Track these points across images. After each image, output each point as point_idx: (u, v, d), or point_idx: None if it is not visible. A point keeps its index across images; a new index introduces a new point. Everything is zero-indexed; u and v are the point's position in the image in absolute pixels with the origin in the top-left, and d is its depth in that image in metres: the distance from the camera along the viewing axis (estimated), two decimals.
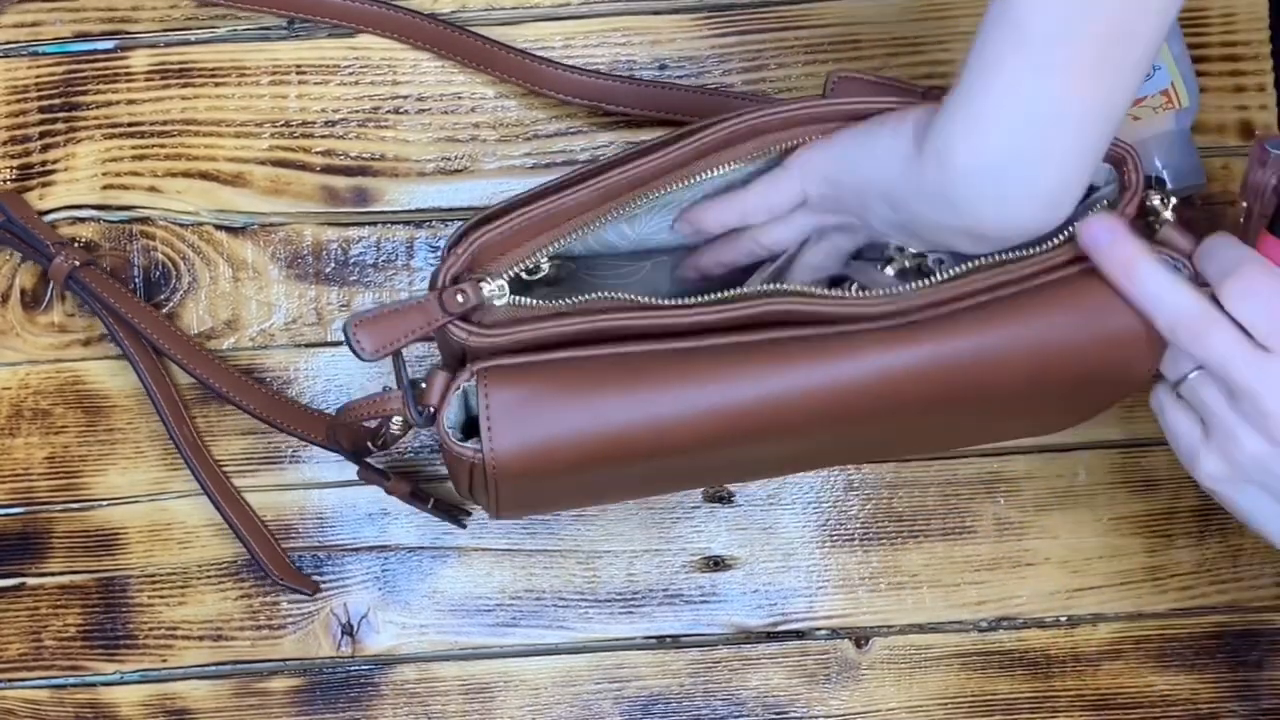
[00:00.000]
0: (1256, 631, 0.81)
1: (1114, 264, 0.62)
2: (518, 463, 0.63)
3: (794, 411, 0.64)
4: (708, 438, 0.64)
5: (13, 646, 0.81)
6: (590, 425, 0.63)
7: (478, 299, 0.64)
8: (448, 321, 0.64)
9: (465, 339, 0.64)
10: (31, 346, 0.81)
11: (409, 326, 0.64)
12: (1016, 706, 0.81)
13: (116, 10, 0.82)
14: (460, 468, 0.65)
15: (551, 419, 0.63)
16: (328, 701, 0.81)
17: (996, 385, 0.64)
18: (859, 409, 0.64)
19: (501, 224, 0.65)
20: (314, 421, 0.79)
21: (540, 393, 0.63)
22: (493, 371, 0.63)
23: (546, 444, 0.63)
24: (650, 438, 0.64)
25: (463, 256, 0.64)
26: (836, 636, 0.81)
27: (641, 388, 0.63)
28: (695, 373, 0.63)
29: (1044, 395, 0.66)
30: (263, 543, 0.80)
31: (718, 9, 0.82)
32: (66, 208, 0.81)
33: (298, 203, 0.81)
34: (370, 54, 0.82)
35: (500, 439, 0.63)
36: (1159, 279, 0.61)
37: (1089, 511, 0.81)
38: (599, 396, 0.63)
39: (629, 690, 0.81)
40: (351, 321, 0.63)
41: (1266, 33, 0.82)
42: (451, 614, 0.81)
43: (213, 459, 0.80)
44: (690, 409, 0.63)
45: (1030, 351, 0.64)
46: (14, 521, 0.81)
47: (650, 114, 0.80)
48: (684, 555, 0.81)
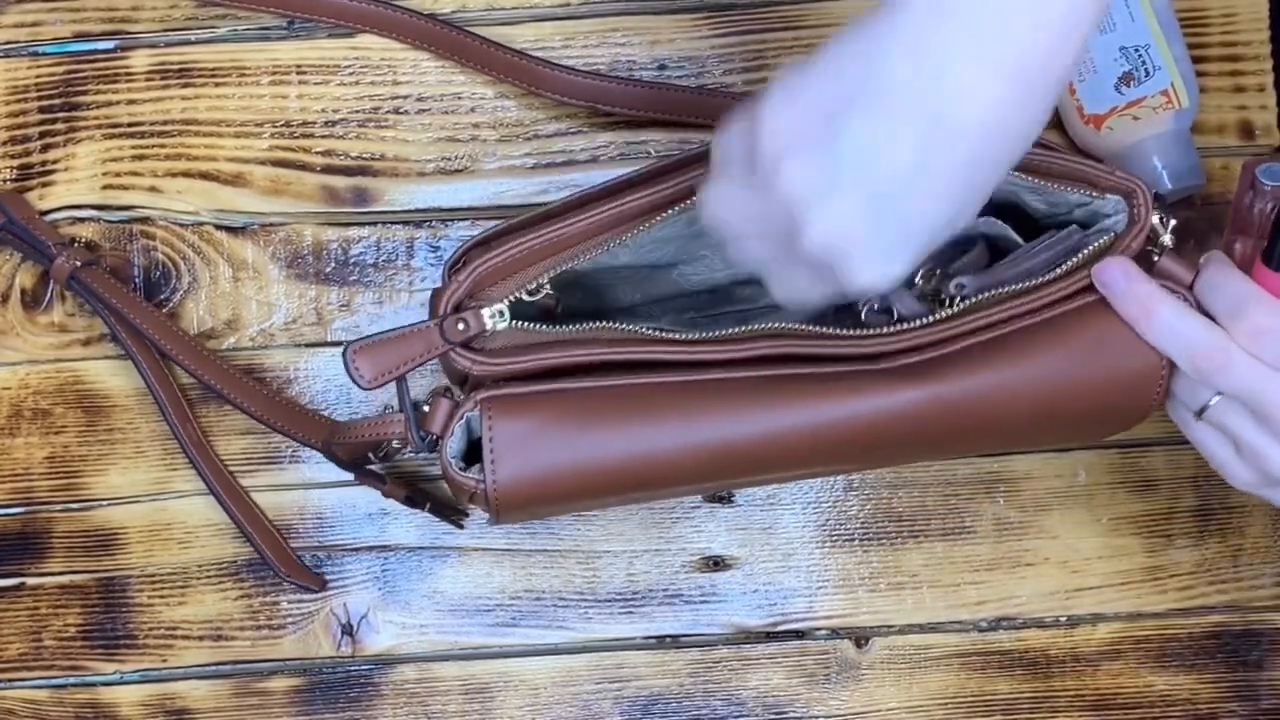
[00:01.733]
0: (1256, 631, 0.81)
1: (1131, 304, 0.64)
2: (519, 492, 0.64)
3: (793, 448, 0.64)
4: (706, 471, 0.65)
5: (13, 646, 0.81)
6: (590, 457, 0.64)
7: (479, 327, 0.64)
8: (449, 350, 0.64)
9: (469, 367, 0.64)
10: (31, 346, 0.81)
11: (409, 354, 0.64)
12: (1016, 706, 0.81)
13: (116, 10, 0.82)
14: (462, 493, 0.65)
15: (553, 451, 0.63)
16: (328, 701, 0.81)
17: (1003, 420, 0.65)
18: (860, 445, 0.64)
19: (502, 252, 0.65)
20: (314, 426, 0.79)
21: (544, 425, 0.63)
22: (497, 402, 0.63)
23: (547, 474, 0.64)
24: (649, 470, 0.64)
25: (464, 284, 0.65)
26: (836, 636, 0.81)
27: (642, 422, 0.64)
28: (696, 408, 0.64)
29: (1051, 427, 0.66)
30: (268, 539, 0.80)
31: (718, 9, 0.82)
32: (66, 208, 0.81)
33: (298, 203, 0.81)
34: (370, 54, 0.82)
35: (503, 469, 0.63)
36: (1176, 316, 0.63)
37: (1089, 511, 0.81)
38: (600, 429, 0.63)
39: (629, 690, 0.81)
40: (351, 349, 0.63)
41: (1266, 33, 0.82)
42: (451, 614, 0.81)
43: (217, 456, 0.80)
44: (690, 443, 0.64)
45: (1040, 388, 0.64)
46: (14, 521, 0.81)
47: (650, 114, 0.80)
48: (684, 555, 0.81)
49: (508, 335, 0.64)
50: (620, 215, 0.66)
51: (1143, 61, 0.78)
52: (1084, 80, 0.79)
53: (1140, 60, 0.78)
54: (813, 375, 0.64)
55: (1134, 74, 0.78)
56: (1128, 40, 0.78)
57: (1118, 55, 0.78)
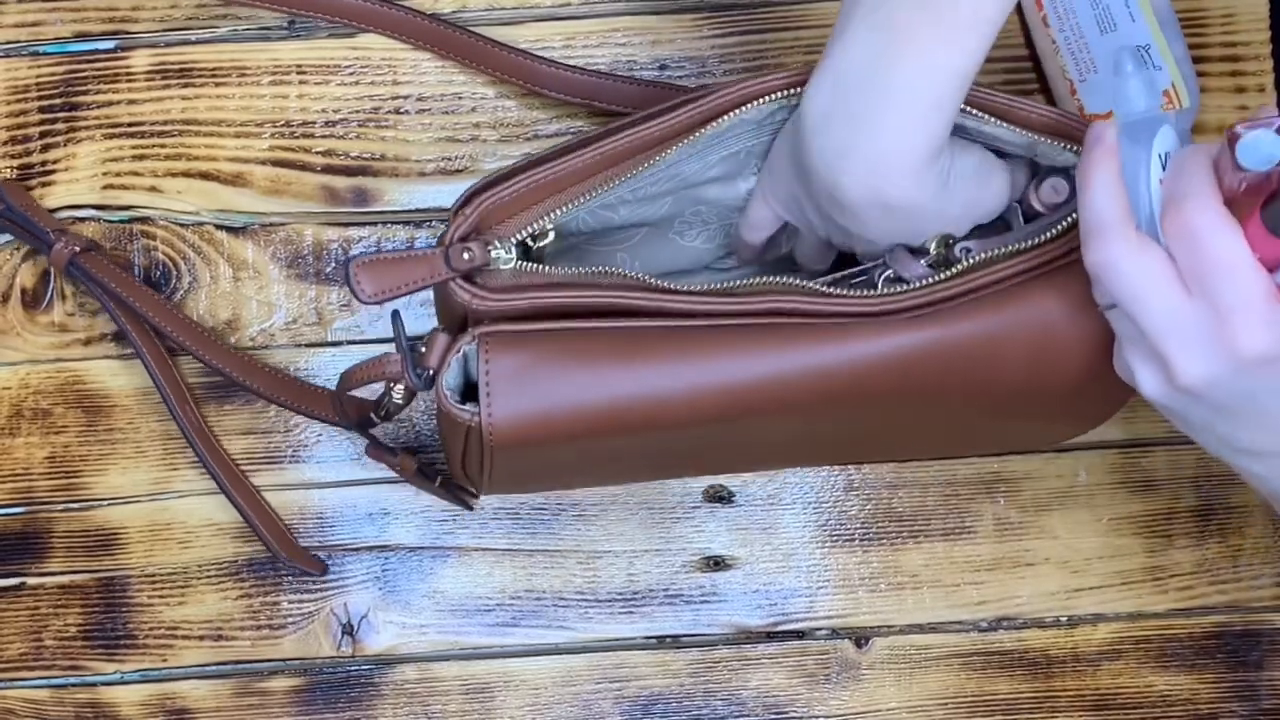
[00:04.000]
0: (1256, 631, 0.81)
1: (1086, 155, 0.59)
2: (515, 430, 0.63)
3: (792, 390, 0.63)
4: (704, 413, 0.64)
5: (13, 646, 0.81)
6: (589, 396, 0.63)
7: (484, 259, 0.63)
8: (451, 278, 0.63)
9: (469, 300, 0.63)
10: (32, 346, 0.81)
11: (412, 276, 0.63)
12: (1016, 706, 0.81)
13: (117, 10, 0.82)
14: (456, 433, 0.64)
15: (551, 387, 0.62)
16: (328, 701, 0.81)
17: (995, 377, 0.64)
18: (858, 390, 0.64)
19: (506, 188, 0.64)
20: (319, 398, 0.79)
21: (541, 361, 0.62)
22: (495, 337, 0.63)
23: (545, 412, 0.63)
24: (647, 411, 0.63)
25: (470, 217, 0.64)
26: (836, 636, 0.81)
27: (641, 361, 0.63)
28: (695, 349, 0.63)
29: (1045, 394, 0.66)
30: (270, 524, 0.79)
31: (718, 9, 0.82)
32: (67, 207, 0.81)
33: (298, 203, 0.81)
34: (370, 54, 0.82)
35: (499, 405, 0.62)
36: (1106, 183, 0.57)
37: (1089, 511, 0.81)
38: (599, 368, 0.63)
39: (629, 690, 0.81)
40: (354, 261, 0.62)
41: (1266, 33, 0.82)
42: (451, 614, 0.81)
43: (217, 441, 0.80)
44: (688, 384, 0.63)
45: (1028, 339, 0.63)
46: (14, 521, 0.81)
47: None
48: (684, 555, 0.81)
49: (511, 275, 0.64)
50: (628, 148, 0.65)
51: (1143, 62, 0.78)
52: (1084, 80, 0.79)
53: (1140, 60, 0.78)
54: (817, 323, 0.64)
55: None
56: (1128, 40, 0.78)
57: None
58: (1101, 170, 0.58)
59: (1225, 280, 0.55)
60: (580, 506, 0.81)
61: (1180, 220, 0.56)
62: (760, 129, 0.67)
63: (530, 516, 0.81)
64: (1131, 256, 0.57)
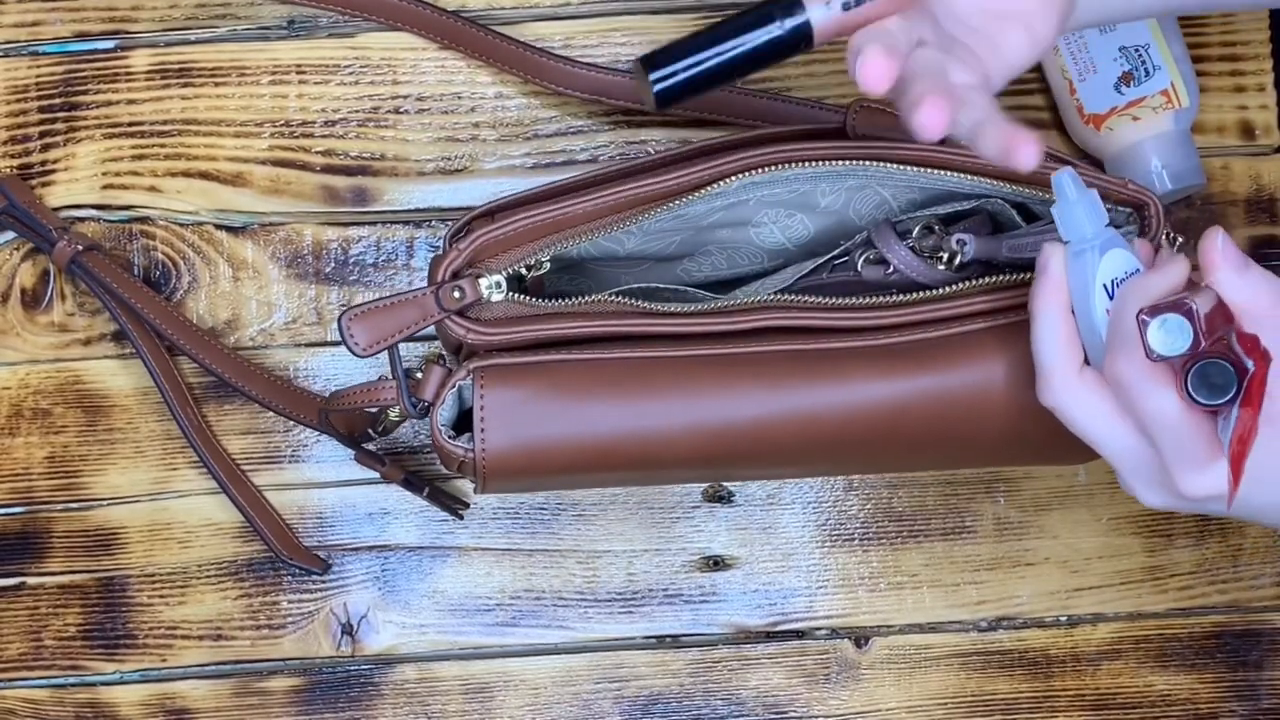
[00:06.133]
0: (1256, 631, 0.81)
1: (1033, 290, 0.60)
2: (508, 462, 0.64)
3: (785, 434, 0.64)
4: (701, 451, 0.65)
5: (13, 646, 0.81)
6: (581, 431, 0.63)
7: (475, 295, 0.64)
8: (444, 317, 0.64)
9: (464, 335, 0.64)
10: (31, 346, 0.81)
11: (404, 321, 0.64)
12: (1016, 706, 0.81)
13: (116, 10, 0.82)
14: (451, 461, 0.65)
15: (544, 422, 0.63)
16: (328, 701, 0.81)
17: (989, 417, 0.65)
18: (846, 435, 0.64)
19: (506, 224, 0.65)
20: (312, 406, 0.79)
21: (535, 395, 0.63)
22: (490, 371, 0.63)
23: (538, 446, 0.64)
24: (638, 448, 0.64)
25: (465, 253, 0.64)
26: (836, 636, 0.81)
27: (637, 397, 0.63)
28: (692, 385, 0.64)
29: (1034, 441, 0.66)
30: (270, 522, 0.79)
31: (717, 9, 0.82)
32: (66, 207, 0.81)
33: (298, 202, 0.81)
34: (370, 54, 0.82)
35: (493, 439, 0.63)
36: (1050, 324, 0.59)
37: (1089, 511, 0.81)
38: (592, 403, 0.63)
39: (629, 690, 0.81)
40: (346, 316, 0.63)
41: (1266, 33, 0.82)
42: (451, 614, 0.81)
43: (217, 440, 0.80)
44: (679, 423, 0.64)
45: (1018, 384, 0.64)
46: (14, 521, 0.81)
47: (652, 113, 0.80)
48: (684, 555, 0.81)
49: (504, 306, 0.64)
50: (630, 199, 0.66)
51: (1143, 61, 0.78)
52: (1084, 80, 0.79)
53: (1140, 60, 0.78)
54: (812, 352, 0.64)
55: (1134, 74, 0.78)
56: (1128, 40, 0.78)
57: (1117, 55, 0.78)
58: (1046, 309, 0.59)
59: (1160, 433, 0.56)
60: (580, 506, 0.81)
61: (1114, 371, 0.57)
62: (772, 183, 0.66)
63: (530, 516, 0.81)
64: (1078, 404, 0.58)
